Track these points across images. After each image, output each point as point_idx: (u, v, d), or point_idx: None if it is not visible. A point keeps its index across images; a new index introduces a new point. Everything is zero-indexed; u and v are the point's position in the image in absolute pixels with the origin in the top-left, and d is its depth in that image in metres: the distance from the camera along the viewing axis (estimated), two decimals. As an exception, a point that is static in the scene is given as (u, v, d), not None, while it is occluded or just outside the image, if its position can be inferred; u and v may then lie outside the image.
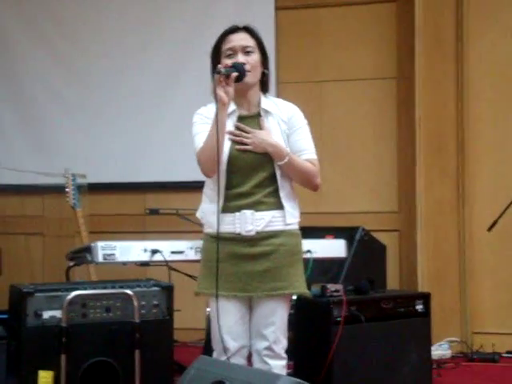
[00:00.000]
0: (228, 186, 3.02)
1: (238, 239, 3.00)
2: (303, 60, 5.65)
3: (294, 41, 5.65)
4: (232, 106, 3.04)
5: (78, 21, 5.88)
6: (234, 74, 2.88)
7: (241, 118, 3.06)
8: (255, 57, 3.03)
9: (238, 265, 2.99)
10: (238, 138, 2.98)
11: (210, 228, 3.06)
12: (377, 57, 5.61)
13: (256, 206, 3.00)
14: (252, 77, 2.99)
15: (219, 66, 2.90)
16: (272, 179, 3.01)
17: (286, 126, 3.03)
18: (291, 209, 3.04)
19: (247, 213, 2.99)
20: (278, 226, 3.01)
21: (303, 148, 3.04)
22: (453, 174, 5.22)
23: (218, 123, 2.88)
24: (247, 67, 2.96)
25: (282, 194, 3.01)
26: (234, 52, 3.01)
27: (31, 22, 5.93)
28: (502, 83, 5.19)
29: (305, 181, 3.04)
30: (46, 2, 5.93)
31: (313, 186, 3.06)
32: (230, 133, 2.98)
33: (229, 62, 2.97)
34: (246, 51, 3.01)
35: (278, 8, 5.64)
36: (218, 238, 2.97)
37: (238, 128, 3.01)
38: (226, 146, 3.00)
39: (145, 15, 5.81)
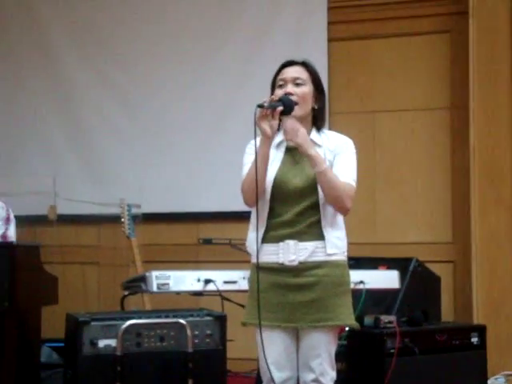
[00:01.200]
0: (271, 215, 3.04)
1: (281, 269, 3.00)
2: (356, 90, 5.67)
3: (346, 71, 5.66)
4: (280, 137, 3.08)
5: (135, 53, 5.98)
6: (279, 109, 2.92)
7: (288, 149, 3.09)
8: (305, 89, 3.05)
9: (281, 295, 3.00)
10: (289, 136, 2.97)
11: (254, 258, 3.08)
12: (430, 87, 5.59)
13: (299, 236, 3.00)
14: (299, 109, 3.01)
15: (264, 99, 2.94)
16: (315, 208, 3.01)
17: (331, 155, 3.05)
18: (335, 239, 3.02)
19: (290, 243, 3.00)
20: (320, 256, 3.01)
21: (341, 172, 3.01)
22: (508, 204, 5.15)
23: (259, 156, 2.93)
24: (294, 98, 3.00)
25: (323, 223, 3.00)
26: (284, 82, 3.06)
27: (89, 56, 6.06)
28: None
29: (336, 199, 2.96)
30: (101, 34, 6.04)
31: (343, 208, 2.99)
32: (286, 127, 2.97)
33: (279, 91, 3.02)
34: (296, 83, 3.05)
35: (330, 39, 5.67)
36: (258, 268, 2.98)
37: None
38: (271, 174, 3.03)
39: (199, 47, 5.88)
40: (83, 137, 6.03)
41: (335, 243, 3.02)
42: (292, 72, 3.06)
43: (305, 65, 3.11)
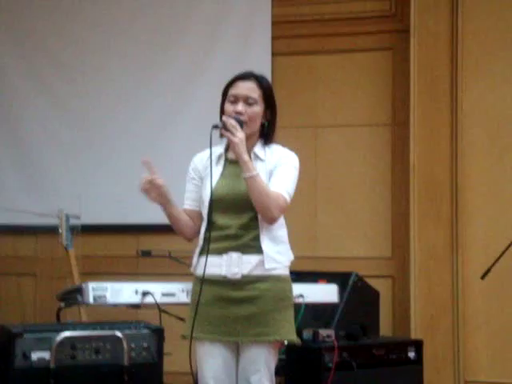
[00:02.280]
0: (214, 228, 3.02)
1: (223, 282, 2.98)
2: (299, 105, 5.68)
3: (289, 86, 5.67)
4: (219, 150, 3.08)
5: (76, 62, 5.90)
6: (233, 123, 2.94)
7: (230, 162, 3.08)
8: (255, 109, 3.05)
9: (223, 308, 2.98)
10: (228, 133, 2.94)
11: (197, 270, 3.07)
12: (372, 103, 5.64)
13: (243, 249, 2.99)
14: (247, 128, 3.01)
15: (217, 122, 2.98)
16: (257, 221, 3.00)
17: (273, 167, 3.04)
18: (274, 253, 3.00)
19: (234, 255, 2.98)
20: (262, 270, 2.98)
21: (276, 183, 3.00)
22: (447, 221, 5.21)
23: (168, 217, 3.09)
24: (243, 118, 3.00)
25: (261, 237, 2.98)
26: (235, 100, 3.04)
27: (29, 63, 5.96)
28: (496, 131, 5.21)
29: (264, 207, 2.93)
30: (43, 43, 5.95)
31: (270, 218, 2.96)
32: (224, 122, 2.96)
33: (230, 108, 3.03)
34: (248, 102, 3.04)
35: (274, 54, 5.68)
36: (203, 280, 2.99)
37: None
38: (209, 188, 3.02)
39: (141, 59, 5.83)
40: (21, 145, 5.93)
41: (274, 258, 3.00)
42: (244, 89, 3.05)
43: (258, 80, 3.09)
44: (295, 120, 5.64)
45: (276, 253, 3.01)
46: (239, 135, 2.92)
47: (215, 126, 2.97)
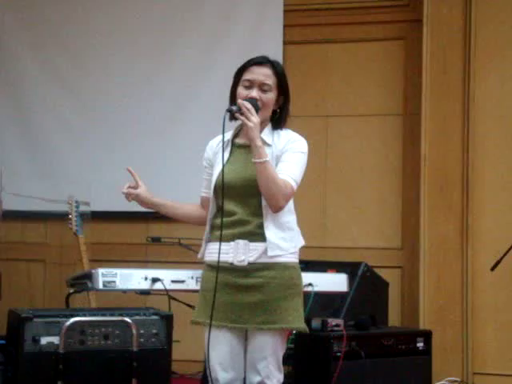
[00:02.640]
0: (222, 214, 3.01)
1: (230, 269, 2.96)
2: (310, 94, 5.67)
3: (301, 75, 5.66)
4: (227, 136, 3.07)
5: (88, 50, 5.91)
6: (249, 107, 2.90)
7: (238, 147, 3.06)
8: (269, 96, 3.01)
9: (230, 295, 2.96)
10: (242, 117, 2.90)
11: (206, 256, 3.07)
12: (384, 93, 5.63)
13: (250, 236, 2.97)
14: (260, 115, 2.96)
15: (232, 106, 2.95)
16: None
17: (280, 153, 3.02)
18: (278, 240, 2.96)
19: (241, 242, 2.97)
20: (268, 258, 2.95)
21: (284, 169, 2.96)
22: (457, 212, 5.19)
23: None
24: (258, 103, 2.97)
25: (265, 224, 2.95)
26: (251, 84, 3.01)
27: (41, 52, 5.96)
28: (508, 122, 5.19)
29: (270, 195, 2.90)
30: (56, 31, 5.95)
31: (275, 206, 2.92)
32: (240, 105, 2.92)
33: (244, 92, 2.99)
34: (263, 89, 3.02)
35: (286, 42, 5.67)
36: (218, 267, 2.96)
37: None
38: (216, 173, 3.02)
39: (153, 46, 5.83)
40: (32, 132, 5.93)
41: (278, 245, 2.95)
42: (260, 75, 3.00)
43: (273, 67, 3.05)
44: (306, 109, 5.62)
45: (280, 239, 2.97)
46: (254, 120, 2.89)
47: (230, 110, 2.94)
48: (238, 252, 2.97)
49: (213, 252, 3.03)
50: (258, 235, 2.96)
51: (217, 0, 5.79)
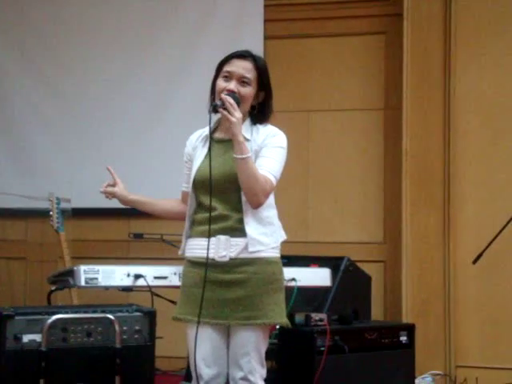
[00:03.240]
0: (201, 210, 3.00)
1: (211, 265, 2.95)
2: (291, 89, 5.66)
3: (282, 70, 5.64)
4: (206, 132, 3.05)
5: (66, 45, 5.88)
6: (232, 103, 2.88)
7: (216, 142, 3.04)
8: (248, 89, 3.00)
9: (211, 291, 2.94)
10: (225, 112, 2.87)
11: (186, 252, 3.06)
12: (365, 87, 5.63)
13: (231, 232, 2.96)
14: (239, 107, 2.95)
15: (216, 102, 2.92)
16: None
17: (259, 148, 3.00)
18: (259, 235, 2.95)
19: (222, 238, 2.95)
20: (247, 253, 2.95)
21: (263, 164, 2.94)
22: (439, 206, 5.21)
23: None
24: (238, 97, 2.95)
25: (245, 219, 2.93)
26: (230, 76, 2.99)
27: (21, 50, 5.93)
28: (489, 116, 5.21)
29: (251, 191, 2.89)
30: (33, 26, 5.92)
31: (255, 202, 2.91)
32: (223, 100, 2.89)
33: (222, 84, 2.97)
34: (242, 81, 3.00)
35: (267, 37, 5.66)
36: (207, 263, 2.94)
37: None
38: (194, 169, 3.01)
39: (133, 41, 5.81)
40: (13, 130, 5.90)
41: (259, 240, 2.94)
42: (241, 68, 2.99)
43: (255, 61, 3.04)
44: (287, 104, 5.62)
45: (261, 234, 2.96)
46: (237, 115, 2.87)
47: (214, 105, 2.92)
48: (219, 247, 2.95)
49: (193, 248, 3.02)
50: (239, 230, 2.95)
51: (196, -4, 5.78)
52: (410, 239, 5.23)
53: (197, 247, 3.00)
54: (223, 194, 2.96)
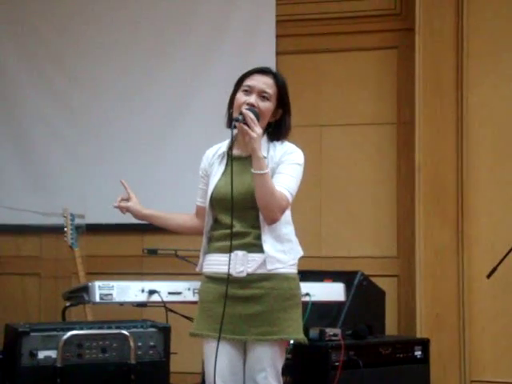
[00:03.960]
0: (218, 227, 3.01)
1: (229, 280, 2.96)
2: (304, 104, 5.66)
3: (294, 85, 5.53)
4: (223, 149, 3.06)
5: (78, 60, 5.89)
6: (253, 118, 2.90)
7: (233, 159, 3.05)
8: (268, 105, 3.01)
9: (229, 306, 2.94)
10: (246, 127, 2.89)
11: (204, 268, 3.07)
12: (377, 102, 5.63)
13: (249, 248, 2.97)
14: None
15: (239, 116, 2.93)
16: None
17: (275, 164, 3.01)
18: (277, 253, 2.96)
19: (239, 253, 2.96)
20: (265, 269, 2.96)
21: (280, 181, 2.96)
22: (452, 220, 5.20)
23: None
24: (257, 110, 2.96)
25: (263, 237, 2.95)
26: (250, 90, 3.01)
27: (31, 61, 5.94)
28: (502, 128, 5.20)
29: (267, 207, 2.90)
30: (45, 40, 5.94)
31: (271, 218, 2.93)
32: (244, 114, 2.90)
33: (243, 98, 2.98)
34: (262, 96, 3.02)
35: (278, 53, 5.67)
36: (228, 279, 2.95)
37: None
38: (211, 186, 3.02)
39: (144, 56, 5.82)
40: (25, 143, 5.90)
41: (276, 257, 2.95)
42: (261, 83, 3.01)
43: (276, 78, 3.06)
44: (300, 119, 5.52)
45: (279, 252, 2.97)
46: (258, 130, 2.88)
47: (236, 119, 2.93)
48: (236, 263, 2.96)
49: (211, 264, 3.03)
50: (257, 246, 2.96)
51: (209, 11, 5.79)
52: (424, 253, 5.21)
53: (215, 263, 3.01)
54: (240, 212, 2.97)
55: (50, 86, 5.93)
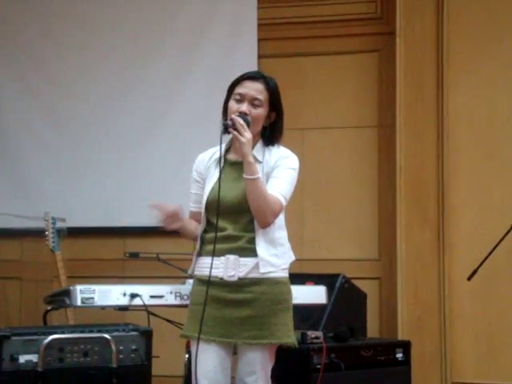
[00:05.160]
0: (211, 230, 3.02)
1: (220, 284, 2.98)
2: (285, 108, 5.61)
3: None
4: (217, 154, 3.07)
5: (60, 63, 5.88)
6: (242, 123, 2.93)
7: (229, 164, 3.07)
8: (260, 111, 3.04)
9: (219, 309, 2.98)
10: (235, 132, 2.92)
11: (196, 271, 3.08)
12: (358, 105, 5.66)
13: (240, 252, 2.98)
14: (250, 130, 2.97)
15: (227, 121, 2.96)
16: (253, 224, 3.00)
17: (270, 169, 3.04)
18: (270, 257, 2.99)
19: (231, 257, 2.98)
20: (258, 273, 2.98)
21: (273, 185, 2.99)
22: (433, 223, 5.23)
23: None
24: (249, 119, 2.98)
25: (257, 240, 2.98)
26: (241, 99, 3.02)
27: (12, 65, 5.93)
28: (482, 130, 5.23)
29: (259, 211, 2.93)
30: (27, 44, 5.92)
31: (263, 222, 2.96)
32: (234, 120, 2.93)
33: (235, 106, 3.01)
34: (254, 103, 3.02)
35: (260, 56, 5.69)
36: (209, 282, 2.97)
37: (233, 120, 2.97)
38: (208, 188, 3.02)
39: (127, 62, 5.82)
40: (6, 149, 5.87)
41: (269, 261, 2.99)
42: (252, 90, 3.03)
43: (266, 82, 3.08)
44: None
45: (272, 256, 3.00)
46: (247, 135, 2.91)
47: (225, 124, 2.95)
48: (228, 267, 2.97)
49: (203, 266, 3.05)
50: (249, 250, 2.99)
51: (191, 14, 5.79)
52: (405, 256, 5.24)
53: (206, 266, 3.03)
54: (234, 215, 3.00)
55: (31, 90, 5.92)
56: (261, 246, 2.98)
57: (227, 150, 3.12)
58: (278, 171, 3.03)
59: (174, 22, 5.80)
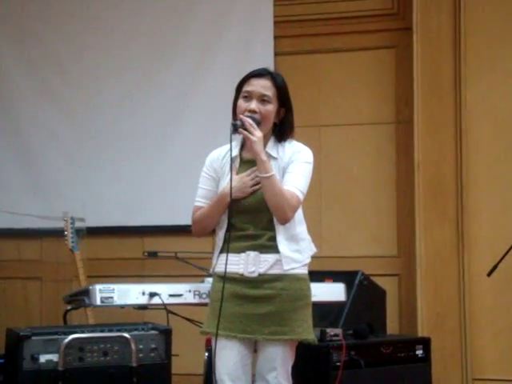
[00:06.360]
0: (232, 229, 3.02)
1: (240, 280, 2.99)
2: (303, 105, 5.64)
3: (293, 86, 5.56)
4: (234, 152, 3.06)
5: (78, 65, 5.88)
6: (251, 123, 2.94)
7: (244, 162, 3.07)
8: (269, 107, 3.04)
9: (239, 306, 2.99)
10: (245, 132, 2.93)
11: (216, 268, 3.08)
12: (376, 102, 5.64)
13: (261, 248, 2.99)
14: (261, 128, 2.98)
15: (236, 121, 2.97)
16: (273, 222, 3.00)
17: (285, 164, 3.04)
18: (292, 253, 3.00)
19: (251, 254, 2.99)
20: (279, 269, 2.99)
21: (290, 180, 2.99)
22: (452, 219, 5.20)
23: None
24: (257, 116, 2.98)
25: (278, 238, 2.98)
26: (249, 96, 3.02)
27: (30, 66, 5.93)
28: (501, 127, 5.20)
29: (278, 208, 2.93)
30: (45, 46, 5.93)
31: (283, 218, 2.96)
32: (242, 120, 2.95)
33: (244, 104, 3.01)
34: (262, 99, 3.02)
35: (277, 53, 5.68)
36: (224, 278, 2.96)
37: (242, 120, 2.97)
38: (222, 186, 3.03)
39: (143, 61, 5.82)
40: (24, 148, 5.90)
41: (292, 257, 3.00)
42: (259, 87, 3.03)
43: (273, 78, 3.08)
44: (299, 119, 5.48)
45: (294, 252, 3.02)
46: (257, 134, 2.92)
47: (234, 124, 2.95)
48: (248, 263, 2.98)
49: (223, 263, 3.03)
50: (270, 247, 2.99)
51: (206, 13, 5.78)
52: (424, 252, 5.21)
53: (227, 262, 3.01)
54: (253, 215, 3.01)
55: (49, 90, 5.93)
56: (282, 244, 2.99)
57: (241, 148, 3.11)
58: (293, 166, 3.02)
59: (190, 21, 5.80)
